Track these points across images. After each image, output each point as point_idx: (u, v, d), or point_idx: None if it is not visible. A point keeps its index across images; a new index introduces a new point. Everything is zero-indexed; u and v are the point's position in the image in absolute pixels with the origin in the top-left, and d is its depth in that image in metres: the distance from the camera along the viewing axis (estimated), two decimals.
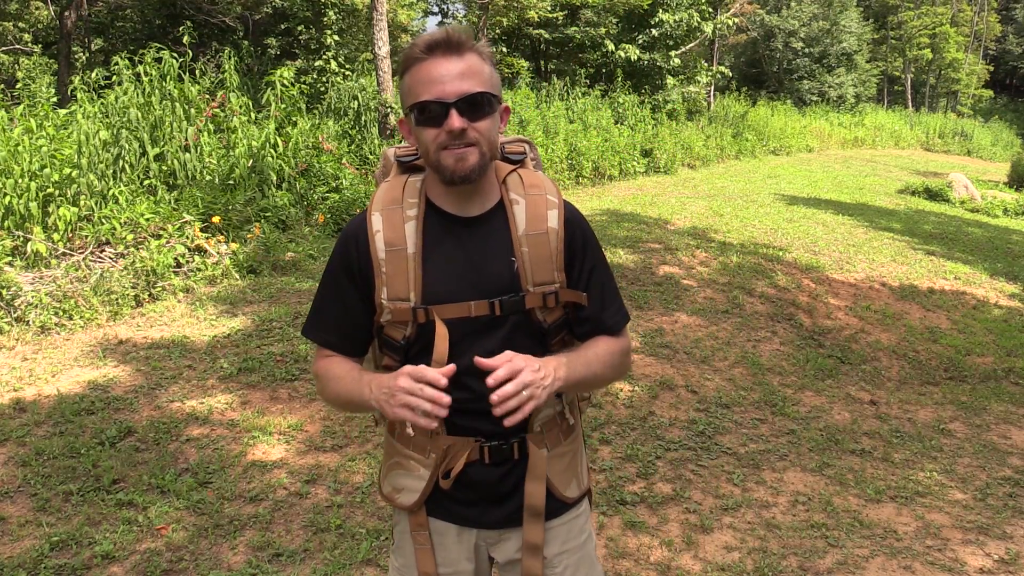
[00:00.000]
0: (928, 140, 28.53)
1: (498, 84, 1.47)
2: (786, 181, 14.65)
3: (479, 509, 1.56)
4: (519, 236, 1.49)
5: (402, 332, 1.49)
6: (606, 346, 1.58)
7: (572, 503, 1.61)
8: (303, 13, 15.64)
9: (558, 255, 1.50)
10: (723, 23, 20.17)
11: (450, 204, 1.50)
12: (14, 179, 6.07)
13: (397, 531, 1.65)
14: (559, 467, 1.57)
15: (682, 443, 4.13)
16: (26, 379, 4.39)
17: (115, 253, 6.08)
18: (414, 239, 1.47)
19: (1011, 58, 43.22)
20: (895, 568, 3.15)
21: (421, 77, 1.40)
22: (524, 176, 1.54)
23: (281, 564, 2.95)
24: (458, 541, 1.59)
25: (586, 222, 1.59)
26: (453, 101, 1.37)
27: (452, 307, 1.46)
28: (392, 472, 1.60)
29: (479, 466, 1.52)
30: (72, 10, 14.68)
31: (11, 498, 3.27)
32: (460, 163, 1.40)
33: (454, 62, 1.39)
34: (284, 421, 4.03)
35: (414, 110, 1.41)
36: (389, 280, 1.47)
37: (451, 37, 1.39)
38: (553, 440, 1.57)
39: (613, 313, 1.61)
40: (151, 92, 7.81)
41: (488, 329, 1.48)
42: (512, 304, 1.48)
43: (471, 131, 1.39)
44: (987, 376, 5.72)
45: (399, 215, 1.48)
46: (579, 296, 1.54)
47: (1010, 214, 13.30)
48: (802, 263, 7.53)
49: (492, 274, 1.48)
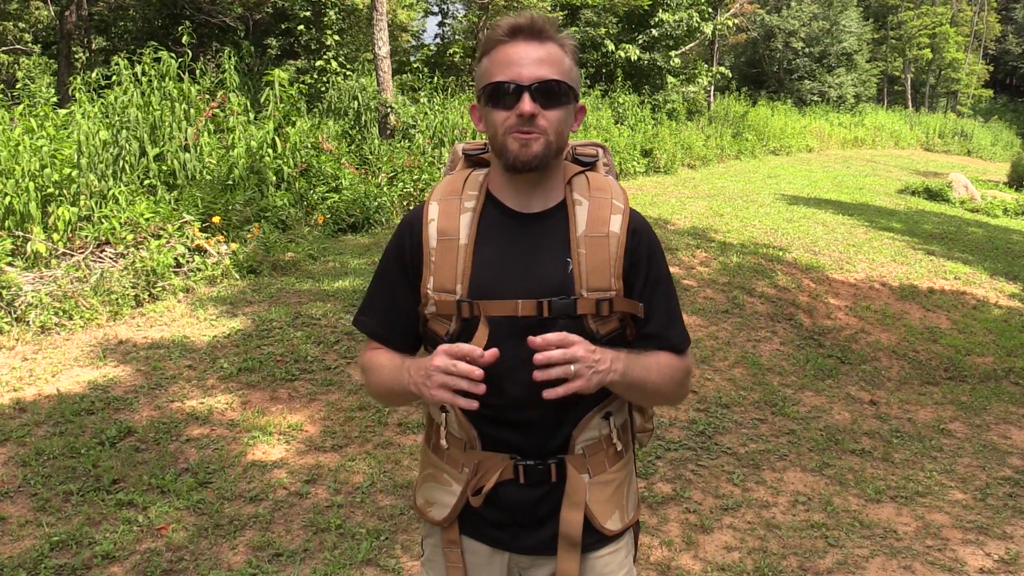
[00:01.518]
0: (928, 140, 28.52)
1: (577, 80, 1.42)
2: (786, 181, 14.65)
3: (511, 532, 1.47)
4: (577, 237, 1.41)
5: (446, 327, 1.43)
6: (668, 360, 1.47)
7: (612, 537, 1.50)
8: (303, 13, 15.64)
9: (617, 261, 1.41)
10: (723, 23, 20.18)
11: (510, 198, 1.44)
12: (14, 179, 6.07)
13: (428, 543, 1.58)
14: (601, 496, 1.46)
15: (682, 443, 4.13)
16: (26, 379, 4.39)
17: (115, 253, 6.08)
18: (468, 230, 1.42)
19: (1011, 58, 43.22)
20: (895, 568, 3.15)
21: (499, 59, 1.36)
22: (592, 179, 1.48)
23: (281, 564, 2.95)
24: (489, 563, 1.51)
25: (654, 235, 1.50)
26: (528, 84, 1.33)
27: (498, 304, 1.39)
28: (425, 484, 1.55)
29: (513, 486, 1.44)
30: (72, 10, 14.68)
31: (11, 498, 3.27)
32: (524, 148, 1.35)
33: (535, 47, 1.35)
34: (284, 421, 4.03)
35: (486, 91, 1.37)
36: (436, 269, 1.41)
37: (536, 23, 1.36)
38: (597, 466, 1.46)
39: (679, 331, 1.51)
40: (150, 92, 7.81)
41: (534, 332, 1.37)
42: (562, 307, 1.38)
43: (541, 118, 1.34)
44: (987, 376, 5.72)
45: (456, 205, 1.44)
46: (635, 306, 1.44)
47: (1010, 214, 13.30)
48: (802, 263, 7.53)
49: (544, 273, 1.40)
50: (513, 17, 1.37)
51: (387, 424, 4.08)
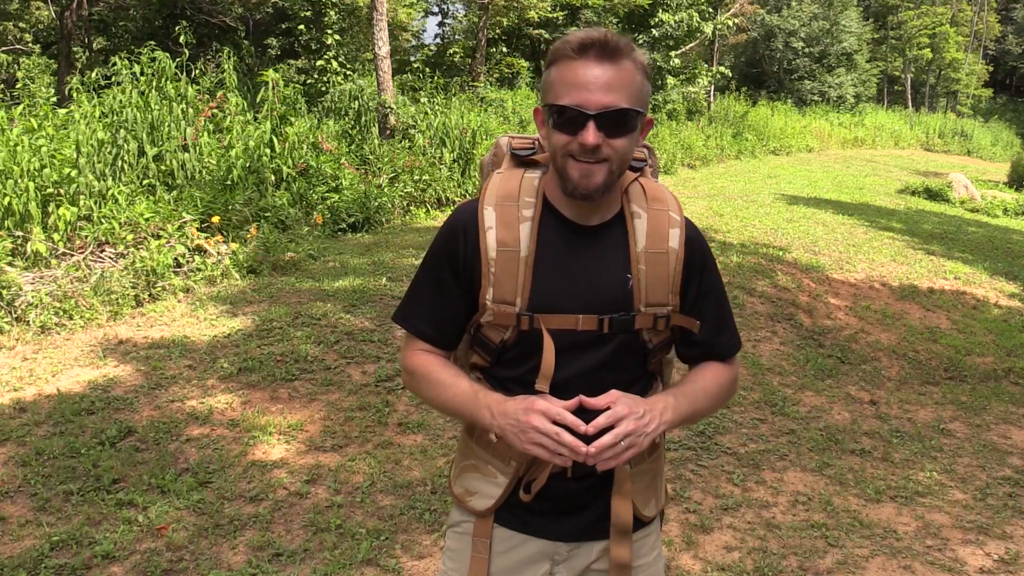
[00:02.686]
0: (928, 140, 28.53)
1: (647, 97, 1.38)
2: (786, 181, 14.65)
3: (551, 519, 1.49)
4: (637, 253, 1.41)
5: (500, 335, 1.43)
6: (714, 376, 1.51)
7: (648, 522, 1.55)
8: (304, 13, 15.65)
9: (676, 277, 1.43)
10: (723, 23, 20.18)
11: (569, 209, 1.42)
12: (14, 179, 6.07)
13: (455, 532, 1.57)
14: (640, 485, 1.50)
15: (682, 443, 4.13)
16: (26, 379, 4.39)
17: (115, 253, 6.08)
18: (528, 242, 1.39)
19: (1011, 58, 43.21)
20: (895, 568, 3.15)
21: (567, 77, 1.31)
22: (647, 188, 1.47)
23: (281, 564, 2.95)
24: (522, 550, 1.51)
25: (706, 243, 1.51)
26: (594, 113, 1.28)
27: (559, 318, 1.39)
28: (466, 474, 1.53)
29: (561, 479, 1.45)
30: (72, 10, 14.68)
31: (11, 498, 3.27)
32: (585, 179, 1.32)
33: (606, 69, 1.29)
34: (284, 421, 4.03)
35: (551, 110, 1.33)
36: (497, 281, 1.39)
37: (609, 41, 1.30)
38: (637, 458, 1.48)
39: (728, 338, 1.54)
40: (149, 92, 7.81)
41: (592, 345, 1.40)
42: (622, 323, 1.40)
43: (606, 147, 1.31)
44: (987, 376, 5.72)
45: (514, 213, 1.40)
46: (691, 323, 1.47)
47: (1010, 214, 13.31)
48: (802, 263, 7.53)
49: (604, 289, 1.40)
50: (585, 31, 1.32)
51: (387, 424, 4.08)
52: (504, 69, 17.89)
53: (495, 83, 15.94)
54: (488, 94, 14.00)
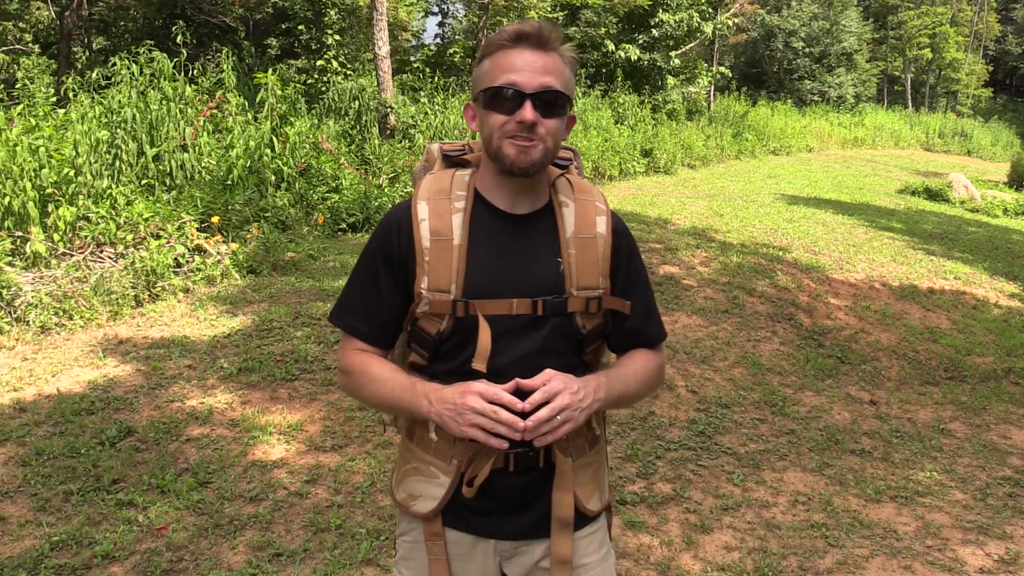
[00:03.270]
0: (928, 140, 28.53)
1: (574, 90, 1.46)
2: (786, 181, 14.65)
3: (496, 519, 1.51)
4: (567, 238, 1.47)
5: (437, 326, 1.45)
6: (644, 362, 1.57)
7: (593, 516, 1.56)
8: (304, 13, 15.65)
9: (604, 261, 1.49)
10: (723, 23, 20.17)
11: (500, 199, 1.48)
12: (13, 179, 6.06)
13: (404, 541, 1.57)
14: (583, 478, 1.53)
15: (682, 443, 4.13)
16: (26, 379, 4.39)
17: (115, 253, 6.08)
18: (460, 231, 1.44)
19: (1011, 58, 43.21)
20: (895, 568, 3.15)
21: (502, 63, 1.39)
22: (573, 182, 1.54)
23: (281, 564, 2.95)
24: (472, 553, 1.52)
25: (631, 234, 1.58)
26: (531, 92, 1.36)
27: (494, 303, 1.43)
28: (408, 478, 1.54)
29: (503, 474, 1.47)
30: (72, 10, 14.68)
31: (11, 498, 3.27)
32: (522, 155, 1.39)
33: (539, 56, 1.38)
34: (284, 421, 4.03)
35: (487, 93, 1.39)
36: (431, 269, 1.43)
37: (542, 31, 1.39)
38: (578, 450, 1.52)
39: (655, 327, 1.60)
40: (148, 92, 7.81)
41: (526, 329, 1.44)
42: (555, 305, 1.45)
43: (540, 126, 1.38)
44: (987, 376, 5.72)
45: (446, 205, 1.46)
46: (622, 304, 1.52)
47: (1010, 214, 13.31)
48: (802, 263, 7.53)
49: (537, 273, 1.45)
50: (519, 23, 1.40)
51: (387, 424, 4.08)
52: None
53: None
54: None
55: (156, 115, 7.61)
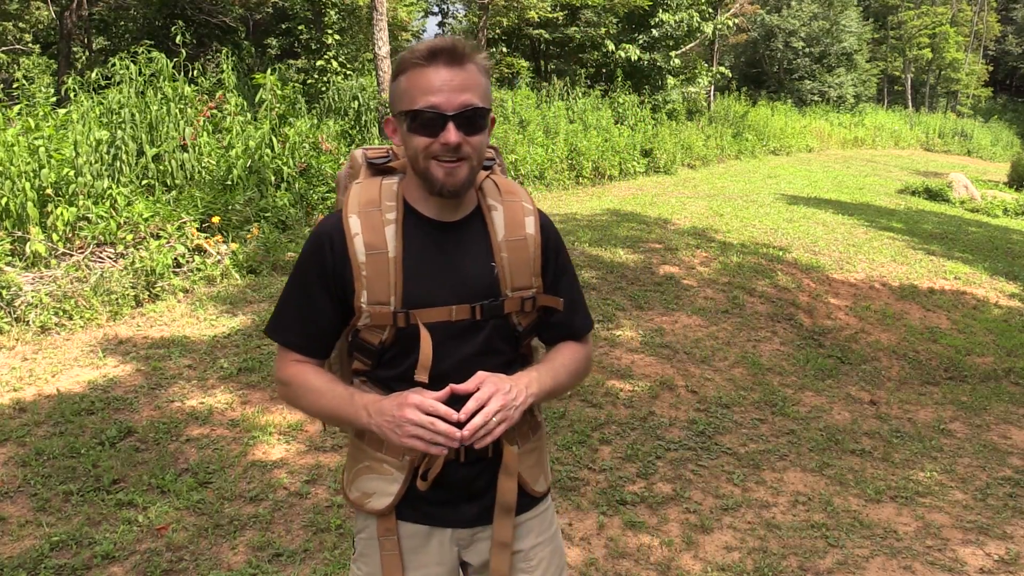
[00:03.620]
0: (928, 140, 28.54)
1: (491, 96, 1.47)
2: (786, 181, 14.65)
3: (451, 508, 1.55)
4: (499, 242, 1.51)
5: (379, 336, 1.48)
6: (571, 353, 1.63)
7: (541, 497, 1.65)
8: (304, 13, 15.65)
9: (536, 261, 1.53)
10: (723, 23, 20.17)
11: (429, 209, 1.49)
12: (12, 179, 6.06)
13: (361, 539, 1.61)
14: (529, 462, 1.60)
15: (682, 443, 4.13)
16: (26, 379, 4.39)
17: (115, 253, 6.08)
18: (394, 243, 1.45)
19: (1011, 58, 43.21)
20: (895, 568, 3.15)
21: (419, 83, 1.38)
22: (499, 183, 1.56)
23: (281, 564, 2.95)
24: (428, 543, 1.57)
25: (557, 230, 1.62)
26: (452, 114, 1.36)
27: (433, 311, 1.46)
28: (361, 477, 1.57)
29: (455, 465, 1.52)
30: (72, 10, 14.68)
31: (11, 498, 3.27)
32: (450, 177, 1.40)
33: (455, 72, 1.38)
34: (284, 421, 4.03)
35: (408, 116, 1.40)
36: (369, 284, 1.44)
37: (456, 46, 1.38)
38: (523, 437, 1.59)
39: (582, 319, 1.66)
40: (147, 92, 7.80)
41: (467, 334, 1.48)
42: (492, 308, 1.49)
43: (466, 145, 1.39)
44: (987, 376, 5.72)
45: (378, 218, 1.46)
46: (556, 301, 1.56)
47: (1010, 214, 13.31)
48: (802, 263, 7.53)
49: (472, 279, 1.48)
50: (431, 40, 1.40)
51: None
52: (504, 69, 17.88)
53: (495, 83, 15.94)
54: None
55: (155, 115, 7.60)
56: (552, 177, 12.44)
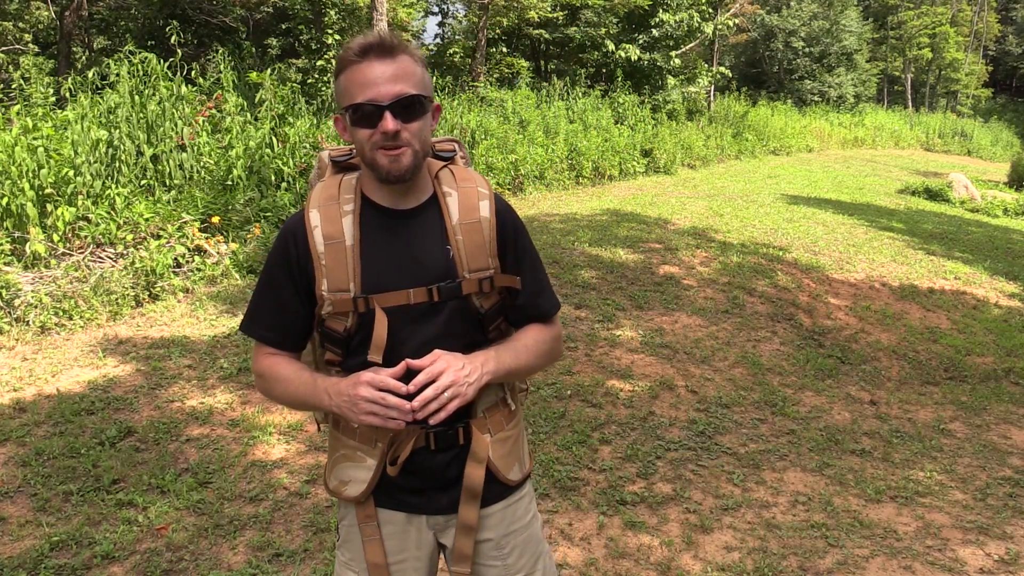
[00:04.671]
0: (928, 140, 28.54)
1: (430, 85, 1.53)
2: (786, 181, 14.65)
3: (426, 496, 1.60)
4: (453, 225, 1.55)
5: (343, 324, 1.53)
6: (536, 334, 1.65)
7: (515, 486, 1.67)
8: (304, 13, 15.65)
9: (491, 242, 1.56)
10: (723, 23, 20.18)
11: (385, 199, 1.55)
12: (11, 180, 6.06)
13: (343, 525, 1.67)
14: (502, 451, 1.62)
15: (682, 443, 4.13)
16: (26, 379, 4.39)
17: (115, 253, 6.08)
18: (351, 231, 1.52)
19: (1011, 58, 43.21)
20: (895, 568, 3.15)
21: (356, 79, 1.44)
22: (455, 171, 1.61)
23: (281, 564, 2.95)
24: (406, 529, 1.62)
25: (517, 214, 1.66)
26: (387, 104, 1.42)
27: (391, 295, 1.51)
28: (338, 466, 1.63)
29: (425, 452, 1.56)
30: (72, 10, 14.68)
31: (11, 498, 3.27)
32: (394, 164, 1.46)
33: (387, 65, 1.44)
34: (284, 421, 4.03)
35: (349, 111, 1.46)
36: (329, 272, 1.51)
37: (384, 40, 1.44)
38: (496, 425, 1.62)
39: (547, 300, 1.68)
40: (145, 92, 7.79)
41: (427, 316, 1.52)
42: (449, 290, 1.53)
43: (404, 132, 1.44)
44: (987, 376, 5.72)
45: (336, 210, 1.53)
46: (513, 280, 1.59)
47: (1010, 214, 13.31)
48: (802, 263, 7.53)
49: (429, 263, 1.53)
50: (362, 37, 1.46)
51: None
52: (504, 69, 17.89)
53: (495, 83, 15.94)
54: (488, 94, 14.00)
55: (153, 115, 7.60)
56: (552, 177, 12.44)
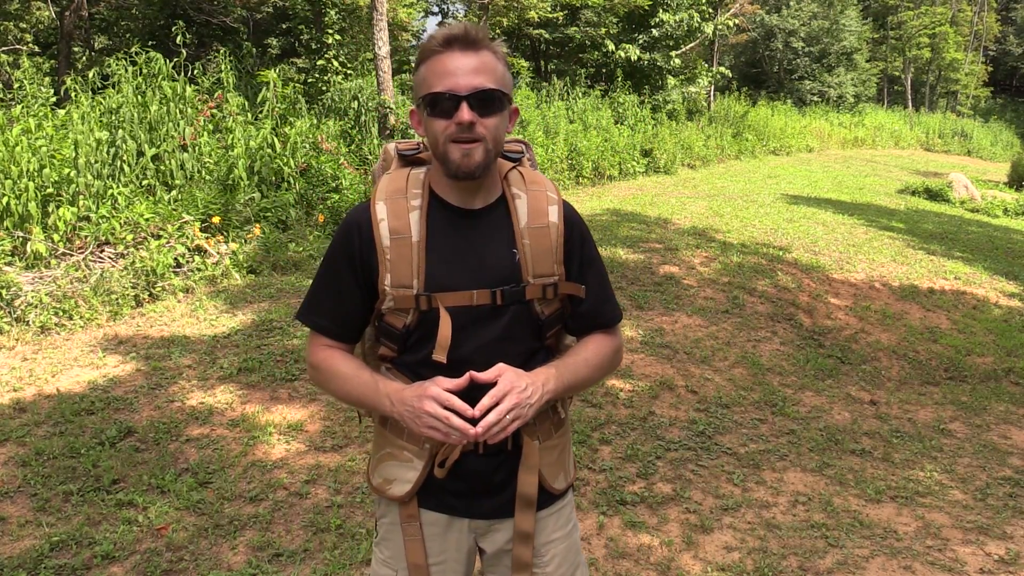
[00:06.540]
0: (928, 140, 28.54)
1: (510, 84, 1.51)
2: (786, 181, 14.65)
3: (470, 500, 1.58)
4: (521, 229, 1.53)
5: (403, 320, 1.52)
6: (597, 347, 1.63)
7: (559, 494, 1.65)
8: (304, 13, 15.64)
9: (558, 249, 1.54)
10: (723, 23, 20.17)
11: (454, 196, 1.52)
12: (12, 179, 6.06)
13: (383, 523, 1.65)
14: (549, 459, 1.61)
15: (682, 443, 4.13)
16: (26, 379, 4.39)
17: (115, 253, 6.08)
18: (418, 228, 1.50)
19: (1011, 58, 43.19)
20: (895, 568, 3.15)
21: (436, 69, 1.43)
22: (525, 173, 1.59)
23: (281, 564, 2.95)
24: (448, 531, 1.61)
25: (583, 221, 1.63)
26: (465, 95, 1.40)
27: (454, 295, 1.49)
28: (384, 463, 1.62)
29: (473, 456, 1.54)
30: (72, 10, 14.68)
31: (11, 498, 3.27)
32: (466, 158, 1.43)
33: (470, 57, 1.42)
34: (284, 421, 4.03)
35: (426, 100, 1.44)
36: (393, 267, 1.49)
37: (469, 33, 1.43)
38: (545, 432, 1.60)
39: (611, 309, 1.66)
40: (147, 91, 7.80)
41: (488, 319, 1.50)
42: (513, 294, 1.51)
43: (479, 126, 1.42)
44: (987, 376, 5.72)
45: (403, 204, 1.51)
46: (577, 288, 1.57)
47: (1010, 214, 13.31)
48: (802, 263, 7.53)
49: (494, 265, 1.51)
50: (447, 28, 1.45)
51: None
52: None
53: None
54: None
55: (155, 115, 7.60)
56: (552, 177, 12.45)
